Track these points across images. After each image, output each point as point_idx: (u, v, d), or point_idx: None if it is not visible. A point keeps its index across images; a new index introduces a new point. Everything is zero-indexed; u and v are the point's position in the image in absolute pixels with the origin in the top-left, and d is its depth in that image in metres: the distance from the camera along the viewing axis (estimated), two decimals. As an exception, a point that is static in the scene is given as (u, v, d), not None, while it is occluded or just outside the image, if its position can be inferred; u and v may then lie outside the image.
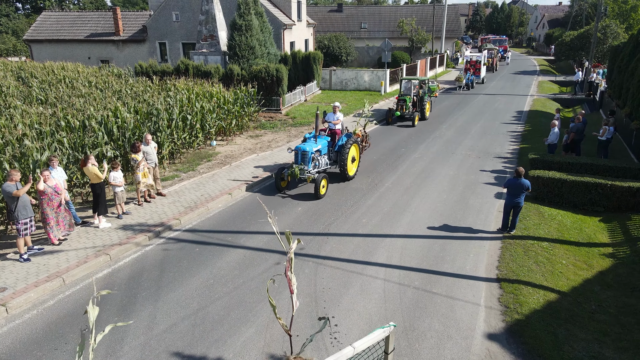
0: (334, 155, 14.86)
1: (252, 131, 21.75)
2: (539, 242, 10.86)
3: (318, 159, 13.86)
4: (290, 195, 13.62)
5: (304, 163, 13.42)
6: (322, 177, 12.96)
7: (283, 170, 13.51)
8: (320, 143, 14.06)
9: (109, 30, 35.54)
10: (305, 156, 13.41)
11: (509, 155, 18.12)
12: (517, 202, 11.02)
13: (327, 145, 14.44)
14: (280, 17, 33.61)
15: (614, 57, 25.32)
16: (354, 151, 14.74)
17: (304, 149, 13.44)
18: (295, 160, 13.62)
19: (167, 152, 15.21)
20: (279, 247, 10.38)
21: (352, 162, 14.64)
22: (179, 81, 22.33)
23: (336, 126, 15.03)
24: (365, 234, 11.13)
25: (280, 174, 13.52)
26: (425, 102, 23.92)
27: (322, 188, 13.05)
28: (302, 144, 13.85)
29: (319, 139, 14.13)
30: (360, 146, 15.58)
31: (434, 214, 12.38)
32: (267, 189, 14.08)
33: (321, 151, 14.08)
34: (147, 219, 11.41)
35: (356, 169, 14.98)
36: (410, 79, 24.32)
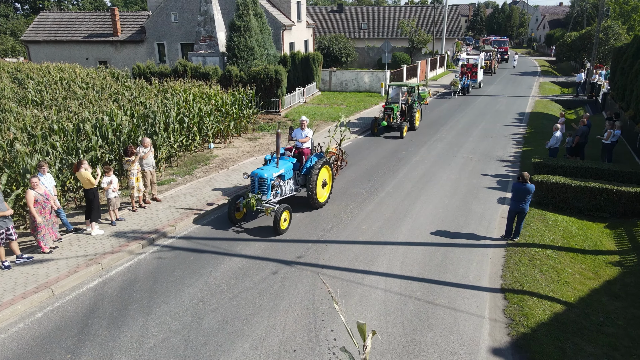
0: (301, 179, 12.65)
1: (250, 133, 21.46)
2: (543, 250, 10.56)
3: (281, 185, 11.75)
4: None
5: (261, 192, 11.26)
6: (283, 209, 10.80)
7: (238, 199, 11.39)
8: (284, 166, 11.84)
9: (107, 31, 35.25)
10: (263, 184, 11.24)
11: (511, 158, 17.82)
12: (522, 208, 10.72)
13: (292, 168, 12.24)
14: (280, 18, 33.33)
15: (617, 59, 25.02)
16: (325, 174, 12.65)
17: (261, 175, 11.22)
18: (252, 189, 11.38)
19: (163, 155, 14.90)
20: (276, 256, 10.09)
21: (323, 186, 12.53)
22: (177, 83, 22.07)
23: (304, 145, 12.68)
24: (365, 241, 10.84)
25: (235, 204, 11.34)
26: (414, 111, 21.81)
27: (284, 222, 10.96)
28: (260, 168, 11.62)
29: (281, 162, 11.99)
30: (333, 167, 13.63)
31: (435, 220, 12.08)
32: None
33: (284, 176, 11.88)
34: (141, 226, 11.11)
35: (329, 195, 12.93)
36: (399, 85, 22.33)
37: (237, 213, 11.43)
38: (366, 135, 21.33)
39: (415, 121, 21.96)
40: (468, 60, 35.39)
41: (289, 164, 12.12)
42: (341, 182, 14.90)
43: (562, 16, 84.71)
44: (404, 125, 20.71)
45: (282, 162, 11.99)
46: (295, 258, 10.02)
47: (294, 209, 12.47)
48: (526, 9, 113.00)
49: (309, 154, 12.68)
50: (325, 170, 12.62)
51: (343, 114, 18.05)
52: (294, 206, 12.61)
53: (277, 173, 11.59)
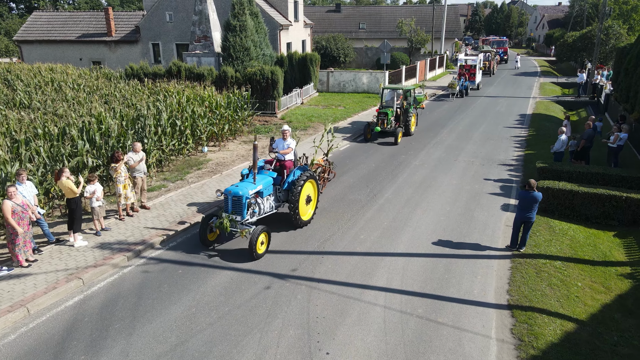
0: (283, 194, 11.41)
1: (246, 136, 20.90)
2: (551, 262, 10.03)
3: (259, 203, 10.48)
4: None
5: (236, 212, 10.01)
6: (260, 232, 9.60)
7: (211, 218, 10.12)
8: (262, 182, 10.58)
9: (101, 31, 34.66)
10: (238, 203, 9.94)
11: (513, 162, 17.30)
12: (529, 217, 10.19)
13: (272, 183, 11.05)
14: (277, 18, 32.79)
15: (620, 59, 24.53)
16: (310, 189, 11.54)
17: (235, 192, 9.94)
18: (225, 208, 10.10)
19: (153, 160, 14.34)
20: (270, 268, 9.55)
21: (307, 203, 11.37)
22: (170, 84, 21.51)
23: (286, 156, 11.55)
24: (363, 253, 10.29)
25: (208, 224, 10.10)
26: (410, 116, 20.58)
27: (261, 246, 9.80)
28: (235, 184, 10.35)
29: (260, 177, 10.72)
30: (319, 181, 12.46)
31: (437, 229, 11.54)
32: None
33: (263, 192, 10.63)
34: (127, 236, 10.54)
35: (314, 212, 11.76)
36: (393, 88, 21.13)
37: (210, 234, 10.28)
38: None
39: (411, 126, 20.84)
40: (466, 61, 34.16)
41: (269, 179, 10.90)
42: (339, 187, 14.37)
43: (561, 16, 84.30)
44: (398, 131, 19.55)
45: (260, 177, 10.69)
46: (290, 271, 9.47)
47: (286, 219, 11.90)
48: (525, 9, 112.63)
49: (291, 167, 11.48)
50: (310, 185, 11.52)
51: (330, 122, 16.16)
52: (285, 216, 12.06)
53: (254, 190, 10.28)
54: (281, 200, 11.45)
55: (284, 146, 11.56)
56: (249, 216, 10.21)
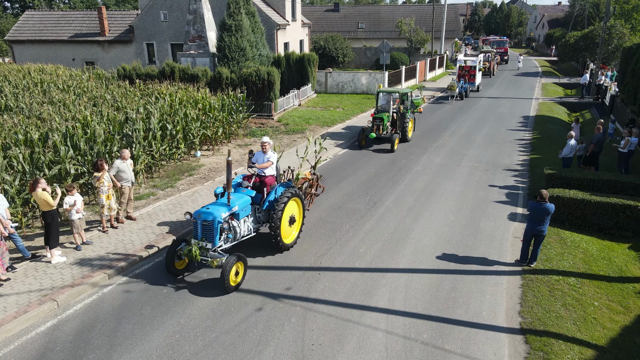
0: (263, 215, 10.09)
1: (241, 139, 20.20)
2: (564, 278, 9.35)
3: (234, 227, 9.19)
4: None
5: (207, 238, 8.75)
6: (234, 261, 8.39)
7: (180, 244, 8.91)
8: (237, 202, 9.29)
9: (94, 31, 33.91)
10: (209, 228, 8.68)
11: (519, 167, 16.62)
12: (540, 230, 9.51)
13: (249, 203, 9.71)
14: (274, 17, 32.07)
15: (626, 59, 23.84)
16: (294, 208, 10.32)
17: (206, 216, 8.69)
18: (195, 234, 8.82)
19: (142, 167, 13.62)
20: (262, 287, 8.85)
21: (291, 223, 10.12)
22: (163, 85, 20.80)
23: (266, 172, 10.21)
24: (363, 268, 9.60)
25: (176, 252, 8.89)
26: (407, 120, 19.46)
27: (235, 277, 8.60)
28: (206, 206, 9.05)
29: (235, 196, 9.41)
30: (304, 199, 11.05)
31: (441, 241, 10.85)
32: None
33: (239, 214, 9.34)
34: (110, 250, 9.83)
35: (298, 233, 10.53)
36: (389, 92, 19.75)
37: (179, 262, 9.04)
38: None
39: (408, 132, 19.70)
40: (465, 62, 33.07)
41: (246, 199, 9.59)
42: (337, 195, 13.67)
43: (562, 15, 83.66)
44: (395, 137, 18.32)
45: (236, 197, 9.39)
46: (284, 290, 8.77)
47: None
48: (524, 9, 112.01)
49: (273, 184, 10.21)
50: (294, 204, 10.32)
51: (310, 131, 13.66)
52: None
53: (228, 212, 9.01)
54: (261, 222, 10.19)
55: (263, 160, 10.30)
56: (223, 242, 9.00)
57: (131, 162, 11.32)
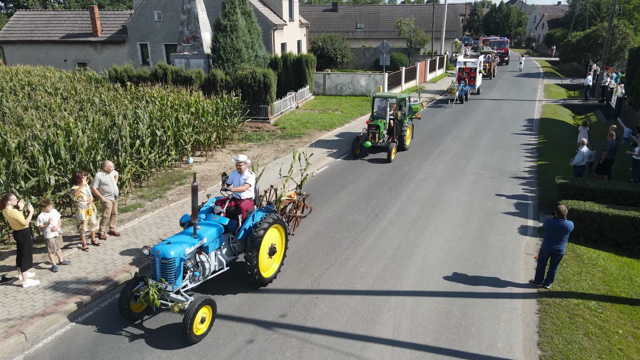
0: (239, 245, 8.68)
1: (236, 144, 19.40)
2: (584, 302, 8.58)
3: (202, 262, 7.88)
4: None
5: (166, 279, 7.28)
6: (199, 306, 7.05)
7: (138, 283, 7.52)
8: (206, 234, 7.92)
9: (86, 31, 33.06)
10: (169, 268, 7.24)
11: (526, 174, 15.86)
12: (558, 250, 8.74)
13: (221, 232, 8.28)
14: (270, 17, 31.27)
15: (634, 61, 23.14)
16: (275, 236, 8.96)
17: (165, 252, 7.21)
18: (152, 273, 7.41)
19: (128, 176, 12.81)
20: (254, 314, 8.05)
21: (271, 254, 8.82)
22: (154, 88, 19.98)
23: (242, 195, 8.90)
24: (364, 291, 8.82)
25: (132, 293, 7.45)
26: (405, 128, 18.19)
27: (201, 325, 7.25)
28: (167, 240, 7.58)
29: (204, 227, 8.09)
30: (288, 223, 10.18)
31: (448, 259, 10.07)
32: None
33: (208, 247, 7.97)
34: (89, 272, 9.02)
35: (280, 266, 9.17)
36: (386, 97, 18.28)
37: (135, 304, 7.57)
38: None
39: (406, 140, 18.40)
40: (465, 63, 31.72)
41: (217, 228, 8.19)
42: (336, 206, 12.88)
43: (562, 16, 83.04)
44: (392, 146, 16.92)
45: (204, 227, 8.06)
46: (278, 317, 7.98)
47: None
48: (524, 8, 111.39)
49: (250, 208, 8.86)
50: (275, 232, 8.97)
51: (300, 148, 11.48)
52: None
53: (194, 247, 7.64)
54: (237, 252, 8.85)
55: (239, 182, 9.04)
56: (189, 281, 7.69)
57: (116, 174, 10.52)
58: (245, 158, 9.09)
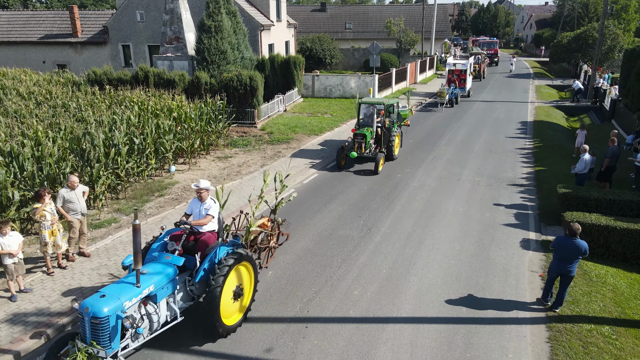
0: (198, 287, 7.24)
1: (221, 150, 18.52)
2: (597, 327, 7.90)
3: (148, 314, 6.53)
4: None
5: (98, 342, 5.85)
6: None
7: (68, 341, 6.13)
8: (154, 279, 6.52)
9: (65, 31, 31.83)
10: (102, 327, 5.84)
11: (524, 181, 15.22)
12: (568, 270, 8.06)
13: (174, 274, 6.82)
14: (257, 17, 30.37)
15: (629, 62, 22.72)
16: (243, 275, 7.63)
17: (96, 309, 5.81)
18: (82, 335, 5.97)
19: (101, 190, 11.88)
20: (236, 349, 7.23)
21: (237, 297, 7.43)
22: (134, 92, 19.03)
23: (203, 228, 7.52)
24: (359, 319, 8.04)
25: (59, 358, 6.03)
26: (393, 136, 16.81)
27: None
28: (101, 292, 6.15)
29: (153, 269, 6.66)
30: (260, 255, 9.44)
31: (448, 278, 9.34)
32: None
33: (157, 296, 6.57)
34: (52, 301, 8.12)
35: (246, 311, 7.81)
36: (373, 103, 16.86)
37: None
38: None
39: (394, 148, 17.03)
40: (455, 65, 30.60)
41: (168, 272, 6.71)
42: (326, 219, 12.09)
43: (549, 16, 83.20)
44: (380, 157, 15.71)
45: (151, 272, 6.58)
46: (263, 352, 7.17)
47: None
48: (512, 9, 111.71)
49: (212, 243, 7.41)
50: (243, 270, 7.62)
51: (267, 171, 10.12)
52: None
53: (136, 299, 6.24)
54: (195, 296, 7.36)
55: (200, 212, 7.64)
56: (130, 339, 6.28)
57: (85, 189, 9.61)
58: (207, 184, 7.68)
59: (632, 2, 56.45)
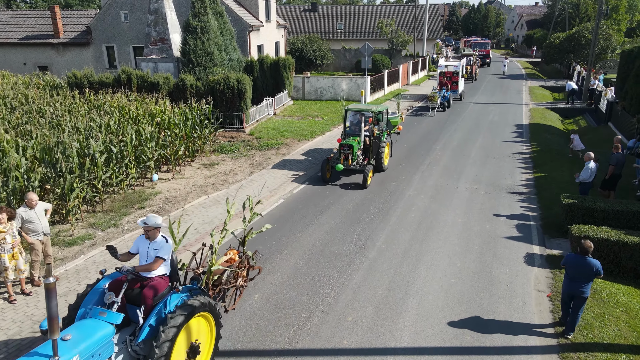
0: (143, 347, 5.81)
1: (207, 157, 17.68)
2: (613, 356, 7.22)
3: None
4: None
5: None
6: None
7: None
8: (81, 345, 5.13)
9: (47, 32, 30.77)
10: None
11: (523, 189, 14.59)
12: (581, 292, 7.39)
13: (111, 334, 5.53)
14: (246, 17, 29.55)
15: (626, 64, 22.25)
16: (200, 329, 6.41)
17: None
18: None
19: (74, 203, 11.02)
20: (217, 390, 6.43)
21: (192, 356, 6.24)
22: (115, 96, 18.15)
23: (152, 273, 6.26)
24: (354, 350, 7.29)
25: None
26: (382, 146, 15.52)
27: None
28: None
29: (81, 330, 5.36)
30: (229, 295, 8.28)
31: (449, 300, 8.63)
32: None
33: None
34: (13, 334, 7.27)
35: None
36: (361, 110, 15.43)
37: None
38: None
39: (384, 159, 15.67)
40: (447, 67, 29.31)
41: (100, 334, 5.38)
42: (317, 233, 11.33)
43: (540, 16, 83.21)
44: (368, 169, 14.32)
45: (80, 332, 5.30)
46: (247, 394, 6.39)
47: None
48: (502, 9, 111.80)
49: (162, 291, 6.16)
50: (202, 323, 6.44)
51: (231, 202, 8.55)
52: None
53: None
54: (140, 356, 5.85)
55: (148, 253, 6.28)
56: None
57: (47, 206, 8.76)
58: (156, 221, 6.14)
59: (623, 2, 56.45)
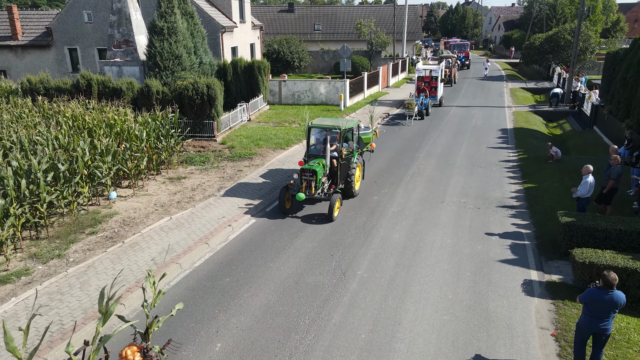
0: None
1: (174, 169, 16.25)
2: (635, 415, 6.18)
3: None
4: None
5: None
6: None
7: None
8: None
9: (4, 34, 28.77)
10: None
11: (514, 202, 13.63)
12: (603, 329, 6.41)
13: None
14: (218, 18, 28.10)
15: (612, 66, 21.65)
16: None
17: None
18: None
19: (8, 233, 9.52)
20: None
21: None
22: (71, 104, 16.58)
23: None
24: (332, 418, 6.08)
25: None
26: (353, 167, 13.14)
27: None
28: None
29: None
30: None
31: (442, 343, 7.49)
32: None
33: None
34: None
35: None
36: (327, 127, 12.88)
37: None
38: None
39: (354, 183, 13.36)
40: (425, 71, 27.06)
41: None
42: (292, 261, 10.09)
43: (517, 17, 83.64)
44: (335, 199, 11.97)
45: None
46: None
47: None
48: (480, 10, 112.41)
49: None
50: None
51: (151, 279, 6.37)
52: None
53: None
54: None
55: None
56: None
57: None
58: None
59: (599, 3, 56.75)
